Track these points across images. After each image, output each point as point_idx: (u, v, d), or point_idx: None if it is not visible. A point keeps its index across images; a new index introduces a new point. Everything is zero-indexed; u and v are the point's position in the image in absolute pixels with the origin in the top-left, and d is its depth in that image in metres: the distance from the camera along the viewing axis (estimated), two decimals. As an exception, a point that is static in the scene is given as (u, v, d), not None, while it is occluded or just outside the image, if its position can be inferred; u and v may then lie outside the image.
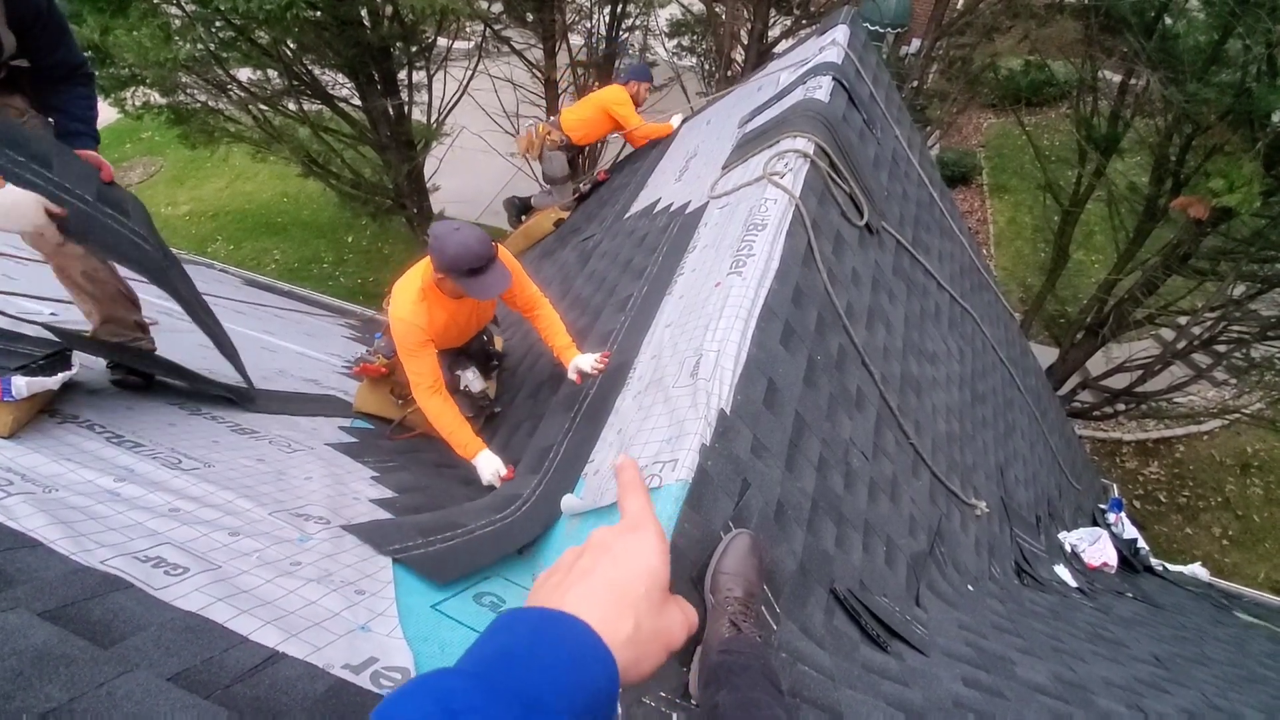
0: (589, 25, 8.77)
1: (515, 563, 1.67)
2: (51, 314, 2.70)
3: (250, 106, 6.98)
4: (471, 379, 2.76)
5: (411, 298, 2.32)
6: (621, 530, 0.53)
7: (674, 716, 1.14)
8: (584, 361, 2.33)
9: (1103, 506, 5.14)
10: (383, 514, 1.82)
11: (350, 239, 11.24)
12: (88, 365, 2.15)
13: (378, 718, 0.36)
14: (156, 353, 2.29)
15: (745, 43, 8.30)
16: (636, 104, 5.00)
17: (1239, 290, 6.62)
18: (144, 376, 2.20)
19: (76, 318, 2.38)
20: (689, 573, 1.34)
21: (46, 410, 1.75)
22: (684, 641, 0.51)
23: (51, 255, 2.12)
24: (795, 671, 1.35)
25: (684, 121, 4.95)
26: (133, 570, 1.17)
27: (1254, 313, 6.52)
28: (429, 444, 2.74)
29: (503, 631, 0.43)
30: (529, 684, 0.38)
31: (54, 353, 1.77)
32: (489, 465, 2.27)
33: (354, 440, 2.48)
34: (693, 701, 1.18)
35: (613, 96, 4.93)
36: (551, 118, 5.24)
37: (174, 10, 6.01)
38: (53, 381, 1.71)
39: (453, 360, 2.83)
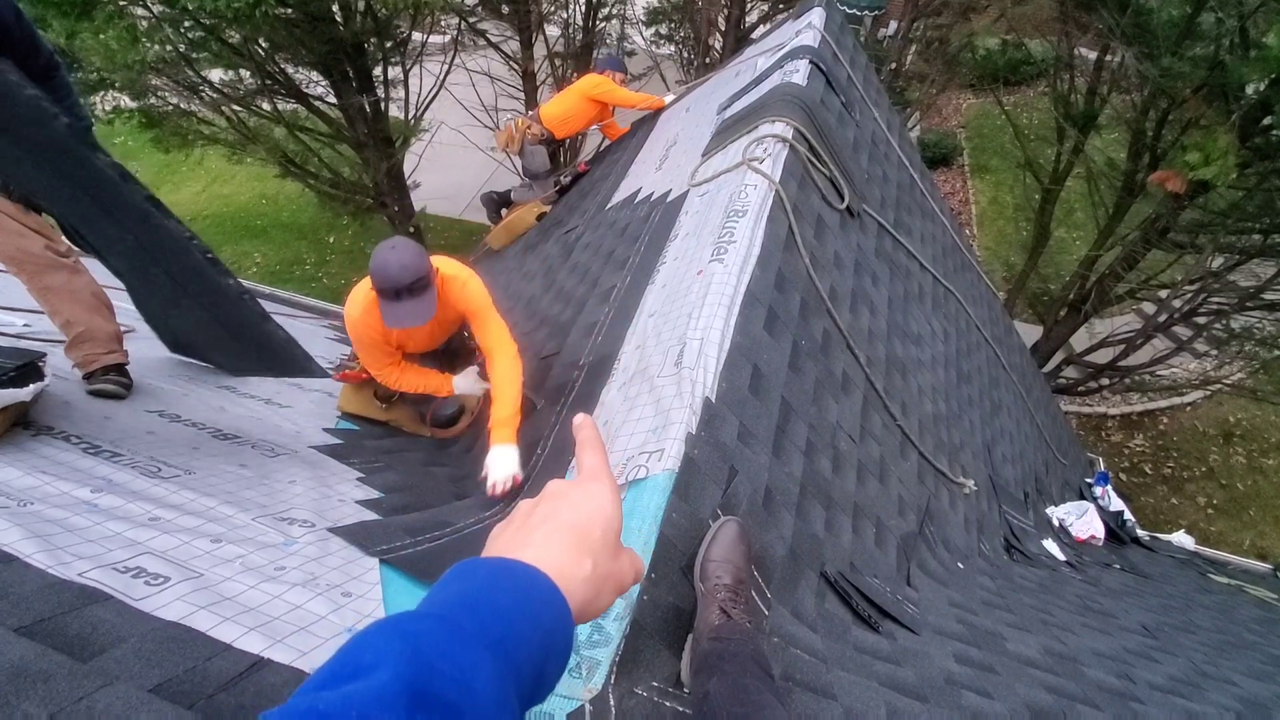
0: (565, 16, 8.69)
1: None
2: (24, 325, 2.65)
3: (223, 108, 6.86)
4: (472, 383, 2.68)
5: (361, 305, 2.27)
6: (578, 481, 0.56)
7: (666, 705, 1.14)
8: (497, 468, 1.99)
9: (1089, 480, 5.21)
10: (369, 515, 1.81)
11: (332, 239, 11.12)
12: (62, 375, 2.11)
13: (351, 650, 0.36)
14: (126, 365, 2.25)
15: (722, 29, 8.27)
16: None
17: (1217, 262, 6.70)
18: (122, 385, 2.17)
19: (49, 328, 2.34)
20: (679, 562, 1.34)
21: (20, 423, 1.72)
22: (631, 585, 0.55)
23: (33, 276, 2.09)
24: (788, 655, 1.35)
25: (674, 100, 4.90)
26: (111, 581, 1.15)
27: (1232, 284, 6.61)
28: (414, 442, 2.72)
29: (462, 579, 0.45)
30: (491, 627, 0.40)
31: (25, 363, 1.74)
32: (467, 384, 2.48)
33: (338, 442, 2.46)
34: (684, 690, 1.18)
35: (592, 82, 4.92)
36: (531, 111, 5.20)
37: (141, 11, 5.89)
38: (25, 393, 1.67)
39: (447, 366, 2.78)
